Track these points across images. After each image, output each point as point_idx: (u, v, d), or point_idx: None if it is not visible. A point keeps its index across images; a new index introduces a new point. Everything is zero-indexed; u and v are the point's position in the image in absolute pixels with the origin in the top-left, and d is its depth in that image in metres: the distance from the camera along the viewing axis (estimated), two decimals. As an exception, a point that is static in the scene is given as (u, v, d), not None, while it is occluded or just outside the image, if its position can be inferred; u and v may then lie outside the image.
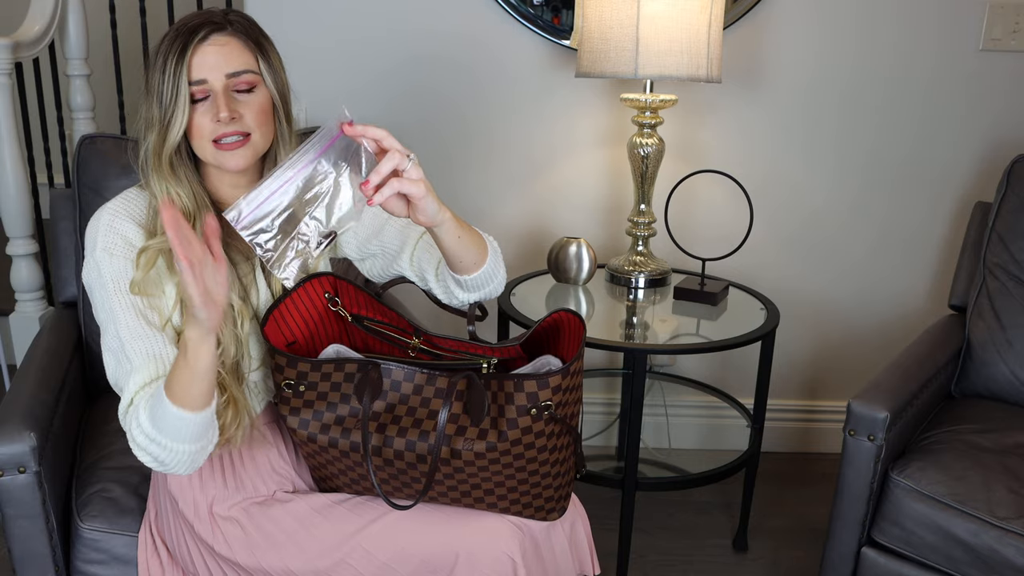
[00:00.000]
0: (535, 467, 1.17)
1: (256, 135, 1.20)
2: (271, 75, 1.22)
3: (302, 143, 1.08)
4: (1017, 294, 1.82)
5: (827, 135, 2.25)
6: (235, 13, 1.22)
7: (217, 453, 1.28)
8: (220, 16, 1.19)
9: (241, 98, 1.19)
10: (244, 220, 1.06)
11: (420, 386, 1.19)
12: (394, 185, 1.09)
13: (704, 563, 2.01)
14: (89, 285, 1.20)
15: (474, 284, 1.30)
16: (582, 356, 1.18)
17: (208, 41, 1.17)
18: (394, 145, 1.09)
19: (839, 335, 2.41)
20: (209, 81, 1.17)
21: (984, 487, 1.49)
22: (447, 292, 1.34)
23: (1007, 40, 2.16)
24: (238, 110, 1.18)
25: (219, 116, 1.16)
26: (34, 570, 1.37)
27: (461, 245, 1.23)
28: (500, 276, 1.34)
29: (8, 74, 2.44)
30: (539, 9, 2.14)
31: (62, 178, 3.03)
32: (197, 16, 1.19)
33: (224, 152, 1.19)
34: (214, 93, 1.17)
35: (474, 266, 1.27)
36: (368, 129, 1.08)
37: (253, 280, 1.29)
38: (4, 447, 1.30)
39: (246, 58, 1.19)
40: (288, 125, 1.26)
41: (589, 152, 2.26)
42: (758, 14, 2.16)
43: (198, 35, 1.16)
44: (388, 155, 1.09)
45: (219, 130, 1.18)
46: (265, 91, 1.22)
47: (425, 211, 1.14)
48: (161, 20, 2.91)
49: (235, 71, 1.18)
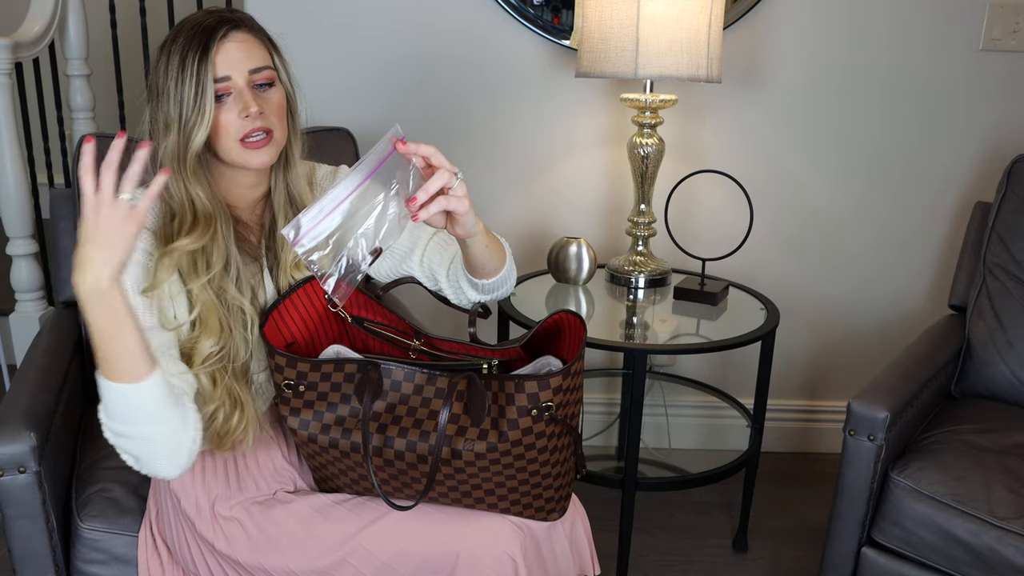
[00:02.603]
0: (536, 467, 1.17)
1: (278, 131, 1.21)
2: (284, 72, 1.24)
3: (358, 161, 1.09)
4: (1017, 294, 1.82)
5: (827, 135, 2.25)
6: (240, 12, 1.22)
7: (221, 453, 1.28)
8: (231, 14, 1.19)
9: (261, 94, 1.19)
10: (302, 238, 1.07)
11: (420, 386, 1.19)
12: (440, 203, 1.10)
13: (704, 563, 2.01)
14: None
15: (490, 287, 1.32)
16: (583, 357, 1.18)
17: (229, 38, 1.16)
18: (443, 163, 1.10)
19: (839, 335, 2.41)
20: (233, 78, 1.16)
21: (984, 487, 1.49)
22: (457, 292, 1.36)
23: (1007, 40, 2.16)
24: (261, 105, 1.18)
25: (248, 111, 1.16)
26: (34, 570, 1.37)
27: (488, 253, 1.26)
28: (512, 279, 1.38)
29: (8, 74, 2.44)
30: (539, 9, 2.14)
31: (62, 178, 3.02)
32: (209, 15, 1.18)
33: (250, 150, 1.19)
34: (238, 90, 1.17)
35: (494, 271, 1.30)
36: (419, 147, 1.09)
37: (261, 280, 1.29)
38: (4, 447, 1.30)
39: (264, 54, 1.20)
40: (297, 123, 1.27)
41: (589, 152, 2.26)
42: (758, 14, 2.16)
43: (219, 32, 1.16)
44: (438, 173, 1.09)
45: (247, 127, 1.17)
46: (281, 88, 1.22)
47: (464, 225, 1.16)
48: (161, 20, 2.91)
49: (256, 67, 1.18)
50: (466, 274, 1.31)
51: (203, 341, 1.19)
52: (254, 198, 1.29)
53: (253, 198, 1.29)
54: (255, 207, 1.30)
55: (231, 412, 1.20)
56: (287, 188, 1.28)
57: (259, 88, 1.19)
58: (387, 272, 1.40)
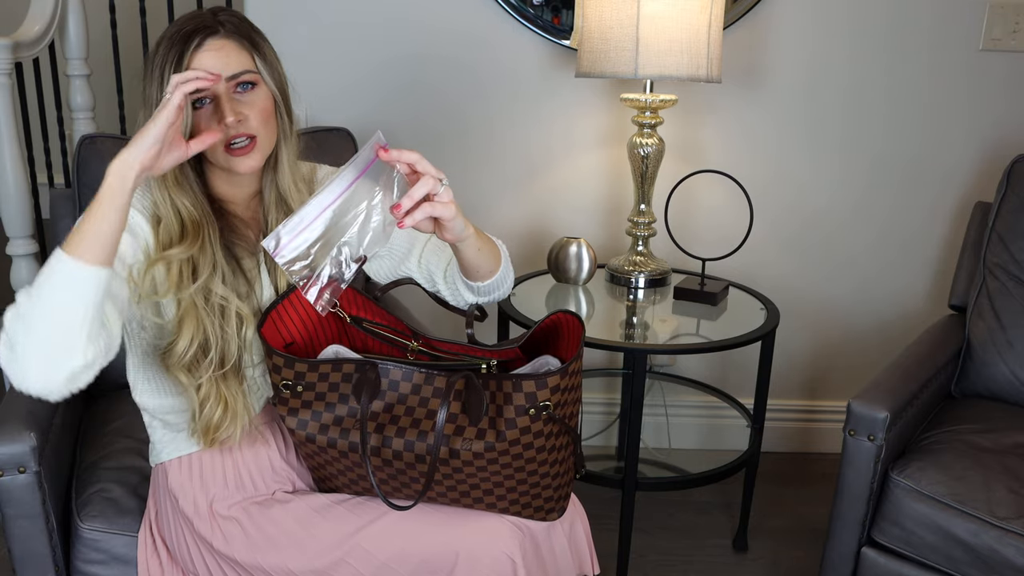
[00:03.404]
0: (534, 467, 1.17)
1: (262, 135, 1.20)
2: (269, 72, 1.22)
3: (340, 168, 1.09)
4: (1017, 294, 1.82)
5: (826, 135, 2.25)
6: (225, 12, 1.21)
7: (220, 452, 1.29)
8: (211, 19, 1.18)
9: (242, 99, 1.19)
10: (283, 249, 1.07)
11: (418, 386, 1.19)
12: (426, 209, 1.10)
13: (704, 563, 2.01)
14: None
15: (486, 289, 1.33)
16: (581, 357, 1.18)
17: (204, 47, 1.16)
18: (428, 169, 1.10)
19: (839, 335, 2.41)
20: (209, 87, 1.16)
21: (984, 487, 1.49)
22: (455, 294, 1.36)
23: (1007, 40, 2.16)
24: (242, 111, 1.18)
25: (227, 120, 1.15)
26: (34, 570, 1.38)
27: (481, 256, 1.26)
28: (509, 281, 1.38)
29: (8, 74, 2.43)
30: (539, 9, 2.14)
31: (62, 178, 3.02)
32: (189, 21, 1.18)
33: (235, 157, 1.19)
34: (217, 98, 1.17)
35: (489, 273, 1.30)
36: (403, 154, 1.09)
37: (258, 275, 1.29)
38: (4, 447, 1.30)
39: (243, 59, 1.19)
40: (290, 122, 1.25)
41: (589, 152, 2.26)
42: (758, 14, 2.16)
43: (192, 42, 1.15)
44: (422, 180, 1.09)
45: (229, 134, 1.17)
46: (265, 89, 1.21)
47: (452, 230, 1.16)
48: (161, 20, 2.90)
49: (234, 73, 1.17)
50: (462, 277, 1.31)
51: (179, 342, 1.20)
52: (248, 194, 1.29)
53: (247, 195, 1.29)
54: (251, 202, 1.30)
55: (215, 408, 1.20)
56: (276, 189, 1.27)
57: (240, 93, 1.18)
58: (386, 273, 1.40)
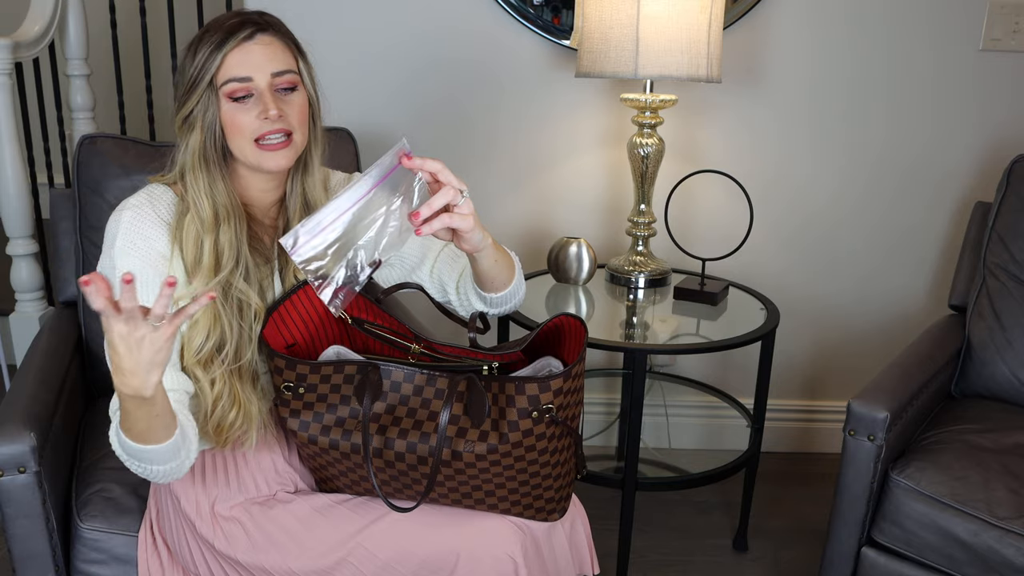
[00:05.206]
0: (536, 469, 1.17)
1: (297, 135, 1.21)
2: (308, 77, 1.24)
3: (362, 172, 1.09)
4: (1017, 294, 1.82)
5: (826, 135, 2.25)
6: (268, 15, 1.22)
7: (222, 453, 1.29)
8: (259, 17, 1.20)
9: (284, 97, 1.20)
10: (300, 248, 1.08)
11: (420, 387, 1.19)
12: (444, 220, 1.10)
13: (704, 563, 2.01)
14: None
15: (499, 301, 1.33)
16: (583, 359, 1.18)
17: (254, 40, 1.17)
18: (450, 180, 1.10)
19: (839, 335, 2.41)
20: (255, 79, 1.17)
21: (984, 487, 1.49)
22: (465, 305, 1.37)
23: (1007, 40, 2.16)
24: (283, 108, 1.19)
25: (268, 113, 1.16)
26: (34, 570, 1.37)
27: (497, 268, 1.26)
28: (522, 293, 1.38)
29: (8, 74, 2.44)
30: (539, 9, 2.14)
31: (62, 178, 3.03)
32: (234, 16, 1.19)
33: (266, 152, 1.19)
34: (259, 91, 1.17)
35: (503, 285, 1.30)
36: (426, 162, 1.09)
37: (271, 282, 1.29)
38: (4, 447, 1.30)
39: (288, 58, 1.20)
40: (319, 128, 1.27)
41: (589, 152, 2.26)
42: (758, 14, 2.16)
43: (243, 31, 1.17)
44: (443, 190, 1.09)
45: (264, 128, 1.17)
46: (304, 92, 1.23)
47: (470, 241, 1.16)
48: (161, 20, 2.91)
49: (279, 70, 1.19)
50: (475, 287, 1.31)
51: (196, 337, 1.20)
52: (270, 201, 1.30)
53: (269, 201, 1.30)
54: (270, 209, 1.31)
55: (229, 408, 1.20)
56: (304, 193, 1.28)
57: (282, 92, 1.19)
58: (396, 281, 1.39)
